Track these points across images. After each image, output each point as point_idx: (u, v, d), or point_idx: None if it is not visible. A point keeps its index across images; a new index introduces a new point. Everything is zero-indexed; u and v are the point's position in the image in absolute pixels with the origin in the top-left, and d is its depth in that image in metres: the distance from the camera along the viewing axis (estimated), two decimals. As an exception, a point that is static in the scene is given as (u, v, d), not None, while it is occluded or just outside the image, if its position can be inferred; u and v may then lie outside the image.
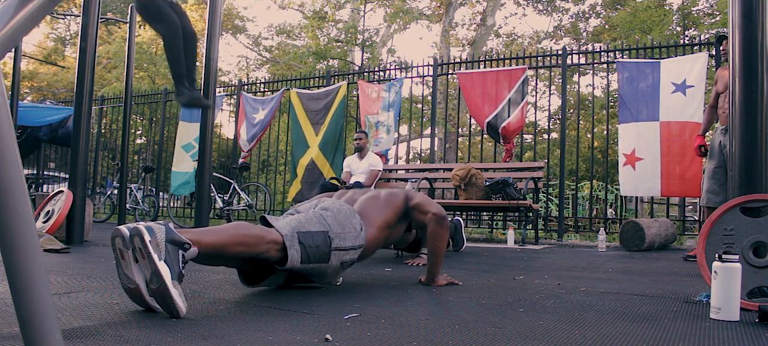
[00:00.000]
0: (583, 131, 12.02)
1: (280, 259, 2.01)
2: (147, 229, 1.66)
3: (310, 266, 2.09)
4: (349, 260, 2.23)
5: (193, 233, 1.80)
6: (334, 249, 2.14)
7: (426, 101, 10.63)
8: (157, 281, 1.64)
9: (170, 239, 1.70)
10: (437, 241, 2.47)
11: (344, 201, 2.43)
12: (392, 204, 2.49)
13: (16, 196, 0.69)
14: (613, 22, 15.36)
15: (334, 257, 2.15)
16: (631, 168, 5.86)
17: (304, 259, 2.04)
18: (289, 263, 1.99)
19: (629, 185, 5.90)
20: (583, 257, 4.34)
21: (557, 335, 1.56)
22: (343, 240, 2.17)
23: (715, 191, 4.16)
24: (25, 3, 0.71)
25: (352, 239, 2.21)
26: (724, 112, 4.16)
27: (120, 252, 1.71)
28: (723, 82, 4.20)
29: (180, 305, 1.66)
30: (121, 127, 8.00)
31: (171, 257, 1.68)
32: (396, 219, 2.47)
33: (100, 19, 4.99)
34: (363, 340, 1.45)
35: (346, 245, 2.18)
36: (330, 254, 2.12)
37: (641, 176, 5.79)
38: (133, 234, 1.66)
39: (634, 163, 5.85)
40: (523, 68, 6.65)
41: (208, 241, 1.82)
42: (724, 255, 1.85)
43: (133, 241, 1.66)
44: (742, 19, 2.34)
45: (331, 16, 16.56)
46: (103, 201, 10.02)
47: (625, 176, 5.90)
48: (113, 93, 11.96)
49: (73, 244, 4.10)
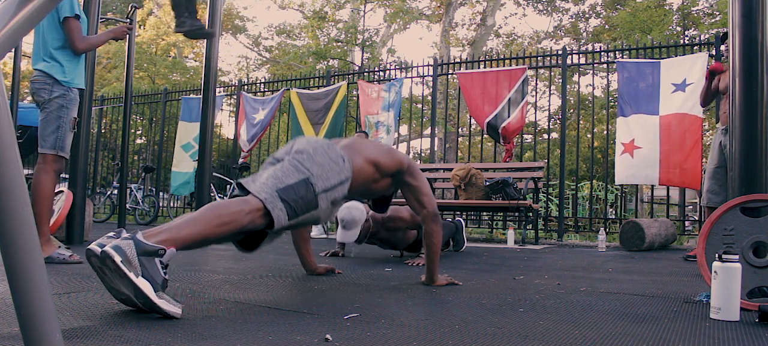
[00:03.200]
0: (583, 131, 12.02)
1: (267, 223, 1.91)
2: (115, 249, 1.58)
3: (299, 219, 1.99)
4: (340, 196, 2.12)
5: (167, 231, 1.71)
6: (320, 192, 2.02)
7: (426, 101, 10.63)
8: (142, 298, 1.60)
9: (142, 251, 1.62)
10: (433, 238, 2.45)
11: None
12: (389, 153, 2.43)
13: (16, 196, 0.69)
14: (613, 22, 15.36)
15: (323, 200, 2.03)
16: (628, 156, 5.84)
17: (291, 215, 1.93)
18: (276, 225, 1.90)
19: (625, 172, 5.87)
20: (583, 257, 4.34)
21: (557, 335, 1.56)
22: (326, 180, 2.05)
23: (715, 190, 4.17)
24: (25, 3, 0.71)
25: (336, 173, 2.09)
26: (724, 113, 4.16)
27: (99, 269, 1.66)
28: (724, 82, 4.20)
29: (172, 311, 1.62)
30: (121, 127, 7.99)
31: (148, 270, 1.61)
32: (386, 169, 2.36)
33: (100, 19, 4.98)
34: (363, 340, 1.45)
35: (331, 183, 2.07)
36: (316, 199, 2.01)
37: (639, 164, 5.78)
38: (104, 257, 1.58)
39: (632, 151, 5.83)
40: (523, 68, 6.65)
41: (185, 234, 1.73)
42: (724, 255, 1.85)
43: (106, 263, 1.59)
44: (742, 19, 2.34)
45: (331, 16, 16.56)
46: (103, 201, 10.02)
47: (622, 164, 5.87)
48: (113, 93, 11.97)
49: (73, 244, 4.10)
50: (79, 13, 3.18)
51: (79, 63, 3.23)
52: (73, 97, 3.15)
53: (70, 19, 3.12)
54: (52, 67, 3.08)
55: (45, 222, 3.07)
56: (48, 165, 3.07)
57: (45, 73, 3.07)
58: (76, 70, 3.19)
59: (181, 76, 17.58)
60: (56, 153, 3.08)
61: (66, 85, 3.10)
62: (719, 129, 4.28)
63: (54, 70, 3.07)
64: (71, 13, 3.12)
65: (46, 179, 3.06)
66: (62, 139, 3.09)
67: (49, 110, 3.07)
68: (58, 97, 3.07)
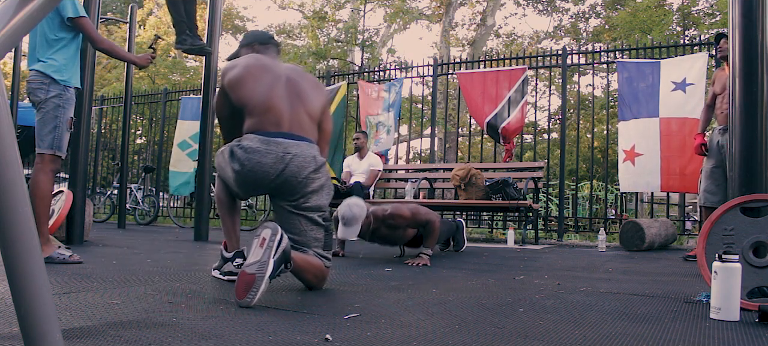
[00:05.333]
0: (583, 131, 12.02)
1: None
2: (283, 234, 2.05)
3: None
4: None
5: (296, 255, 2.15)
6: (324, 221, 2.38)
7: (426, 101, 10.63)
8: (259, 269, 1.91)
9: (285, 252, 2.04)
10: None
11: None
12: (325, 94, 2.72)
13: (16, 196, 0.69)
14: (613, 22, 15.36)
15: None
16: (630, 164, 5.86)
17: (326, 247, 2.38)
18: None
19: (628, 180, 5.91)
20: (583, 257, 4.34)
21: (557, 335, 1.56)
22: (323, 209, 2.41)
23: (712, 190, 4.18)
24: (25, 3, 0.71)
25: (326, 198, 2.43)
26: (721, 112, 4.17)
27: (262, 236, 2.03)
28: (720, 82, 4.22)
29: (256, 297, 1.88)
30: (121, 127, 7.99)
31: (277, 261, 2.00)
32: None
33: (100, 19, 4.98)
34: (363, 340, 1.45)
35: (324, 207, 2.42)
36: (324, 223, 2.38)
37: (640, 172, 5.79)
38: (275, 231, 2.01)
39: (633, 158, 5.85)
40: (523, 68, 6.65)
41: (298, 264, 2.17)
42: (724, 255, 1.85)
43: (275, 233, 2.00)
44: (742, 19, 2.34)
45: (331, 16, 16.56)
46: (103, 201, 10.02)
47: (625, 172, 5.90)
48: (113, 93, 11.96)
49: (73, 244, 4.10)
50: (84, 14, 3.21)
51: (75, 63, 3.23)
52: (70, 96, 3.15)
53: (82, 18, 3.18)
54: (49, 66, 3.08)
55: (44, 222, 3.07)
56: (45, 165, 3.07)
57: (41, 73, 3.07)
58: (73, 70, 3.19)
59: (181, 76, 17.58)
60: (53, 153, 3.08)
61: (63, 84, 3.10)
62: (716, 129, 4.28)
63: (50, 70, 3.07)
64: (80, 14, 3.18)
65: (44, 179, 3.06)
66: (59, 139, 3.09)
67: (46, 110, 3.06)
68: (54, 97, 3.07)
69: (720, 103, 4.22)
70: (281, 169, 2.25)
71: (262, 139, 2.27)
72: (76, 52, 3.25)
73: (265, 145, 2.26)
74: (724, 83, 4.16)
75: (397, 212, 3.52)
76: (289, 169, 2.26)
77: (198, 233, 5.42)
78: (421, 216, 3.56)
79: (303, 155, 2.30)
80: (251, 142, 2.28)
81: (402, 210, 3.54)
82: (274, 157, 2.25)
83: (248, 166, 2.26)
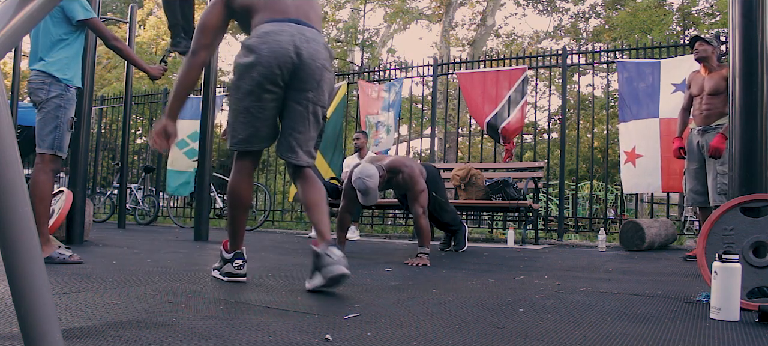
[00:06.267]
0: (583, 131, 12.02)
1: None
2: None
3: None
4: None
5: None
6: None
7: (426, 101, 10.63)
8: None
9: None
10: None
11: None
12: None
13: (16, 196, 0.69)
14: (613, 22, 15.35)
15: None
16: (631, 165, 5.88)
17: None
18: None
19: (630, 182, 5.93)
20: (583, 257, 4.34)
21: (557, 335, 1.56)
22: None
23: (698, 190, 4.24)
24: (25, 3, 0.71)
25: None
26: (700, 113, 4.23)
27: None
28: (696, 85, 4.28)
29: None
30: (121, 127, 7.99)
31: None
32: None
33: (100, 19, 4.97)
34: (363, 340, 1.45)
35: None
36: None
37: (641, 173, 5.81)
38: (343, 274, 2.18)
39: (634, 160, 5.86)
40: (523, 68, 6.65)
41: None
42: (724, 255, 1.85)
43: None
44: (742, 19, 2.34)
45: (331, 16, 16.56)
46: (103, 201, 10.02)
47: (626, 174, 5.92)
48: (113, 93, 11.96)
49: (73, 244, 4.10)
50: (93, 14, 3.23)
51: (78, 61, 3.23)
52: (71, 96, 3.15)
53: (92, 19, 3.20)
54: (51, 65, 3.08)
55: (44, 222, 3.07)
56: (46, 165, 3.07)
57: (43, 72, 3.07)
58: (75, 68, 3.19)
59: (180, 77, 17.52)
60: (54, 153, 3.08)
61: (65, 83, 3.10)
62: (694, 130, 4.31)
63: (53, 69, 3.07)
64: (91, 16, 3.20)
65: (44, 179, 3.06)
66: (60, 139, 3.09)
67: (47, 110, 3.06)
68: (55, 97, 3.06)
69: (698, 104, 4.26)
70: (298, 50, 2.23)
71: (272, 24, 2.26)
72: (79, 51, 3.25)
73: (278, 26, 2.24)
74: (701, 85, 4.23)
75: (394, 164, 3.85)
76: (306, 52, 2.25)
77: (198, 233, 5.42)
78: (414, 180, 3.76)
79: (316, 40, 2.30)
80: (262, 28, 2.26)
81: (400, 162, 3.91)
82: (289, 36, 2.23)
83: (267, 47, 2.21)
